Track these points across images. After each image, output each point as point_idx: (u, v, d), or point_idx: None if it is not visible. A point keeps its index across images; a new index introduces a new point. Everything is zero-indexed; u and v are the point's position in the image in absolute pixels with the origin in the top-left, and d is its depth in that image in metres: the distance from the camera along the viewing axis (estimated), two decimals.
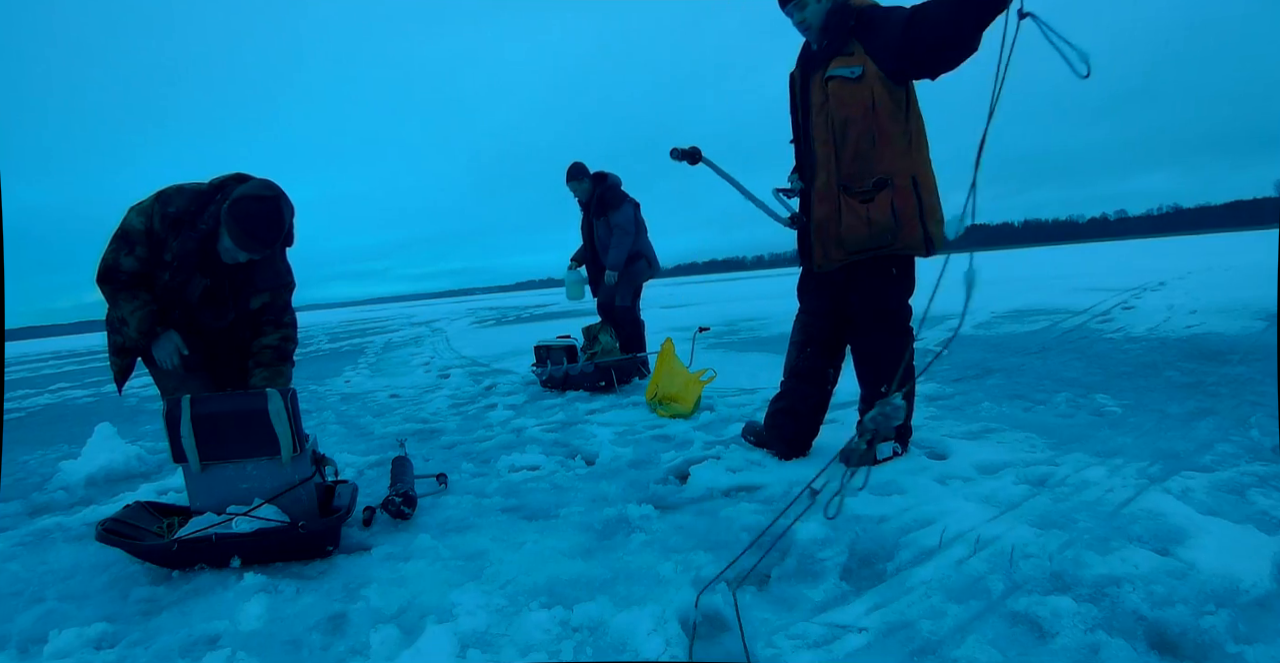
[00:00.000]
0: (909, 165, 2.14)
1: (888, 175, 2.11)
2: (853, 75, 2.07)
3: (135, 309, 2.08)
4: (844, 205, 2.15)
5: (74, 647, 1.51)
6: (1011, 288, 11.24)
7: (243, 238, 2.00)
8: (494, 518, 2.17)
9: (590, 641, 1.40)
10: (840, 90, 2.10)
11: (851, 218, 2.13)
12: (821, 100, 2.16)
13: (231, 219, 1.98)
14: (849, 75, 2.08)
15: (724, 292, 22.24)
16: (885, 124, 2.10)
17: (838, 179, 2.16)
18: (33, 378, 10.72)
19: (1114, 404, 2.96)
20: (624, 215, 4.56)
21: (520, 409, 4.11)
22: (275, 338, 2.28)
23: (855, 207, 2.13)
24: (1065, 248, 55.55)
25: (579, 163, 4.73)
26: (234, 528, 1.88)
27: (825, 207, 2.19)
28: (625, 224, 4.56)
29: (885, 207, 2.11)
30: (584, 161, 4.73)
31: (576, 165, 4.72)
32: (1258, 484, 1.90)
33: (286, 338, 2.30)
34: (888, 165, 2.11)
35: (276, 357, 2.27)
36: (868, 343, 2.34)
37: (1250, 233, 40.00)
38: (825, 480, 1.29)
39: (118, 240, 2.06)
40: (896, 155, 2.12)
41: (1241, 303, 6.21)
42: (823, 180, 2.19)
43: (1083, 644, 1.24)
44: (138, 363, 2.22)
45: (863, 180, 2.13)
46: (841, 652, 1.30)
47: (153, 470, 3.31)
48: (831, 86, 2.12)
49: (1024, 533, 1.69)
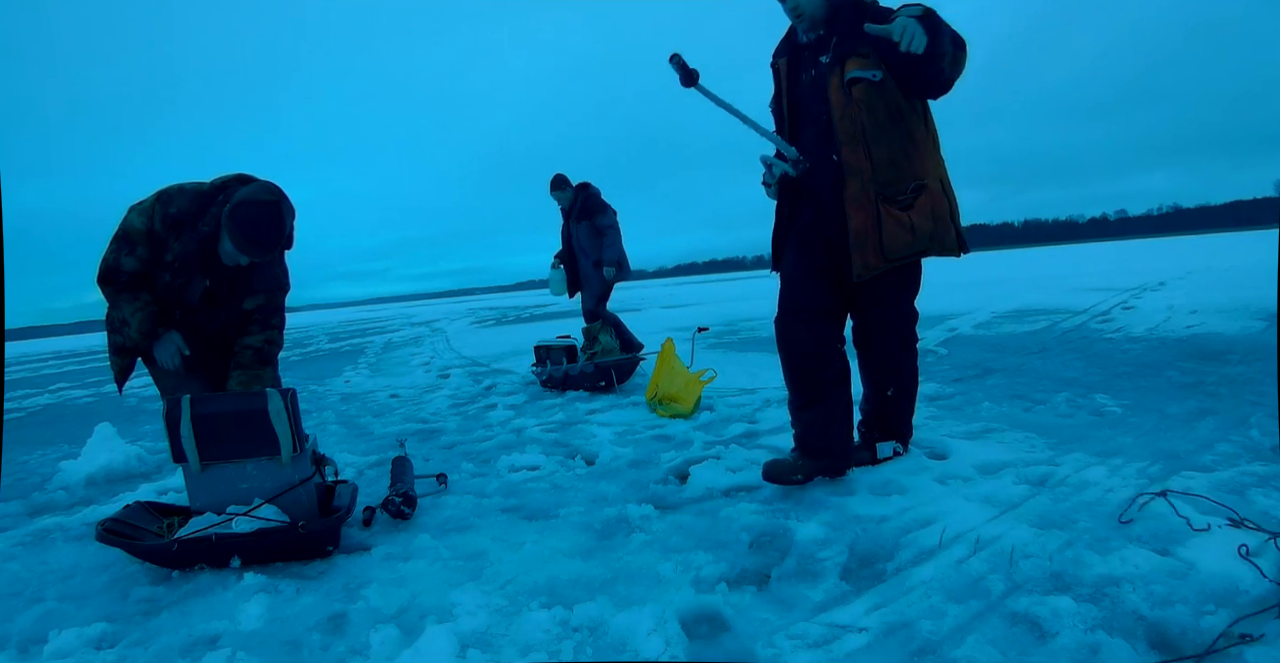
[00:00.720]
0: (936, 167, 2.14)
1: (923, 180, 2.09)
2: (875, 79, 2.01)
3: (137, 310, 2.08)
4: (884, 214, 2.07)
5: (74, 647, 1.51)
6: (1011, 288, 11.24)
7: (243, 242, 2.00)
8: (494, 518, 2.18)
9: (590, 641, 1.40)
10: (866, 95, 2.03)
11: (894, 226, 2.06)
12: (844, 103, 2.06)
13: (233, 223, 1.98)
14: (873, 79, 2.02)
15: (724, 292, 22.25)
16: (913, 128, 2.08)
17: (874, 187, 2.07)
18: (33, 378, 10.72)
19: (1114, 404, 2.96)
20: (609, 218, 4.96)
21: (520, 409, 4.11)
22: (259, 339, 2.25)
23: (897, 215, 2.07)
24: (1065, 248, 55.52)
25: (561, 174, 5.13)
26: (234, 528, 1.88)
27: (862, 215, 2.08)
28: (613, 224, 4.95)
29: (925, 212, 2.08)
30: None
31: (559, 176, 5.13)
32: (1258, 484, 1.90)
33: (271, 341, 2.28)
34: (919, 169, 2.09)
35: (257, 359, 2.24)
36: (879, 346, 2.31)
37: (1250, 233, 40.01)
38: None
39: (118, 241, 2.06)
40: (925, 158, 2.11)
41: (1241, 303, 6.21)
42: (856, 188, 2.08)
43: (1083, 644, 1.24)
44: (138, 363, 2.22)
45: (901, 187, 2.08)
46: (841, 652, 1.30)
47: (153, 470, 3.31)
48: (857, 91, 2.04)
49: (1024, 533, 1.69)
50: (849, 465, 2.24)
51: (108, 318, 2.19)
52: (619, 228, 4.98)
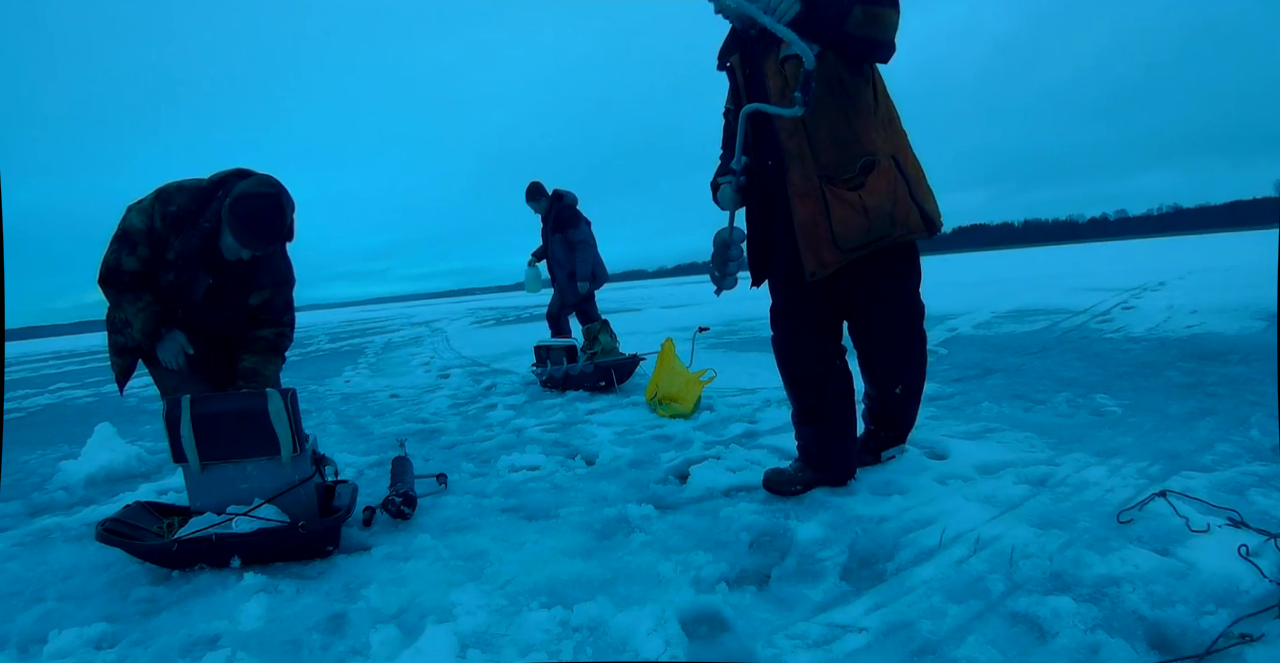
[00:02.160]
0: (889, 141, 1.97)
1: (873, 156, 1.92)
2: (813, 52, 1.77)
3: (139, 311, 2.07)
4: (831, 198, 1.90)
5: (74, 647, 1.51)
6: (1011, 288, 11.24)
7: (245, 235, 1.99)
8: (494, 518, 2.18)
9: (590, 641, 1.40)
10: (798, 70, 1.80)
11: (843, 210, 1.89)
12: (781, 86, 1.93)
13: (233, 217, 1.97)
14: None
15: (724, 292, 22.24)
16: (859, 99, 1.91)
17: (816, 170, 1.92)
18: (33, 378, 10.72)
19: (1114, 404, 2.96)
20: (582, 232, 5.14)
21: (520, 409, 4.11)
22: (271, 332, 2.28)
23: (845, 196, 1.90)
24: (1065, 248, 55.53)
25: (536, 183, 5.30)
26: (234, 528, 1.88)
27: (807, 206, 1.95)
28: (585, 239, 5.14)
29: (880, 191, 1.90)
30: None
31: (534, 185, 5.30)
32: (1258, 484, 1.90)
33: (281, 335, 2.31)
34: (868, 144, 1.92)
35: (269, 347, 2.27)
36: (883, 345, 2.16)
37: (1250, 233, 39.99)
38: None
39: (119, 241, 2.05)
40: (875, 133, 1.93)
41: (1241, 303, 6.21)
42: (798, 175, 1.94)
43: (1083, 644, 1.24)
44: (138, 363, 2.22)
45: (848, 165, 1.91)
46: (841, 652, 1.30)
47: (153, 470, 3.31)
48: (789, 68, 1.90)
49: (1024, 533, 1.69)
50: (851, 478, 2.17)
51: (108, 318, 2.18)
52: (592, 240, 5.20)
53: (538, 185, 5.30)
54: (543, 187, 5.31)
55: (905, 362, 2.21)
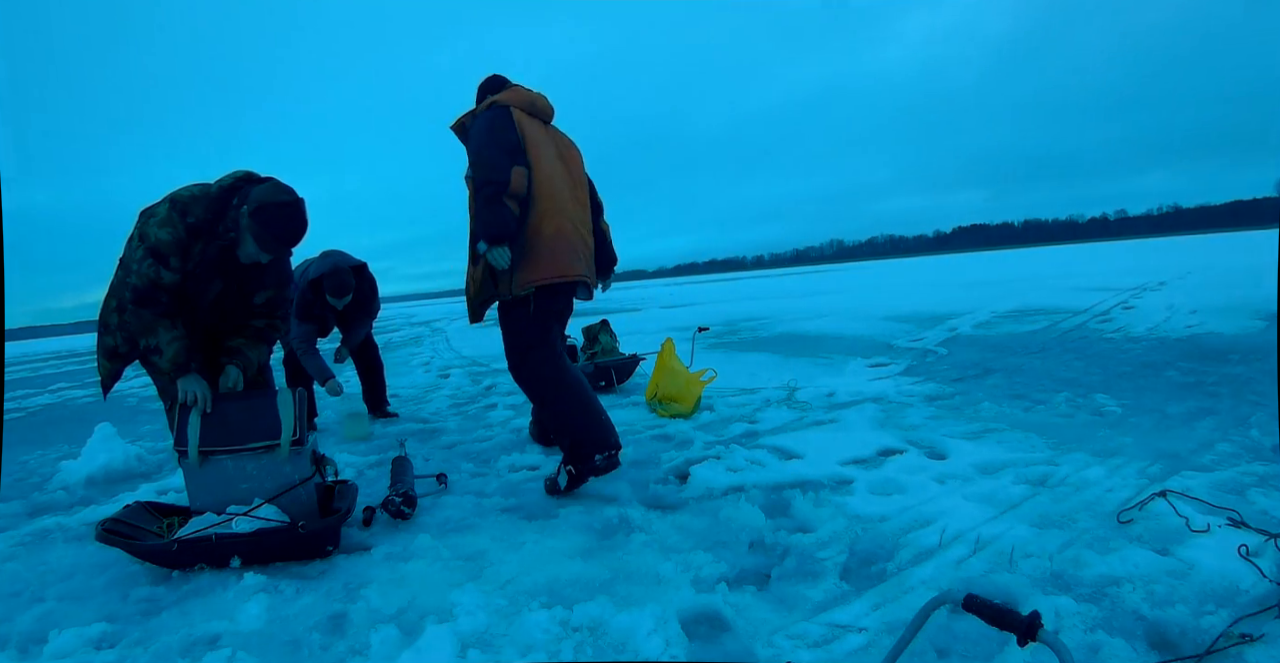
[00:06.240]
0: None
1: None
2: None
3: (173, 340, 2.05)
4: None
5: (74, 647, 1.51)
6: (1011, 288, 11.24)
7: (271, 243, 2.01)
8: (494, 518, 2.17)
9: (590, 641, 1.40)
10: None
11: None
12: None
13: (257, 225, 1.98)
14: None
15: (724, 292, 22.25)
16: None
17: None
18: (33, 378, 10.72)
19: (1114, 404, 2.96)
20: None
21: (520, 409, 4.10)
22: (262, 322, 2.32)
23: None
24: (1065, 248, 55.49)
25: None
26: (234, 528, 1.88)
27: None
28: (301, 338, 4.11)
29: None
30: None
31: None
32: (1258, 484, 1.90)
33: (272, 326, 2.34)
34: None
35: (256, 335, 2.31)
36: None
37: (1250, 233, 39.98)
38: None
39: (152, 256, 2.00)
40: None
41: (1241, 303, 6.22)
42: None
43: (1083, 644, 1.24)
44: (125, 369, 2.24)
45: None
46: (841, 652, 1.30)
47: (153, 470, 3.31)
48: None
49: (1024, 533, 1.69)
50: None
51: (101, 319, 2.18)
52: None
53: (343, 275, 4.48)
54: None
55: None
